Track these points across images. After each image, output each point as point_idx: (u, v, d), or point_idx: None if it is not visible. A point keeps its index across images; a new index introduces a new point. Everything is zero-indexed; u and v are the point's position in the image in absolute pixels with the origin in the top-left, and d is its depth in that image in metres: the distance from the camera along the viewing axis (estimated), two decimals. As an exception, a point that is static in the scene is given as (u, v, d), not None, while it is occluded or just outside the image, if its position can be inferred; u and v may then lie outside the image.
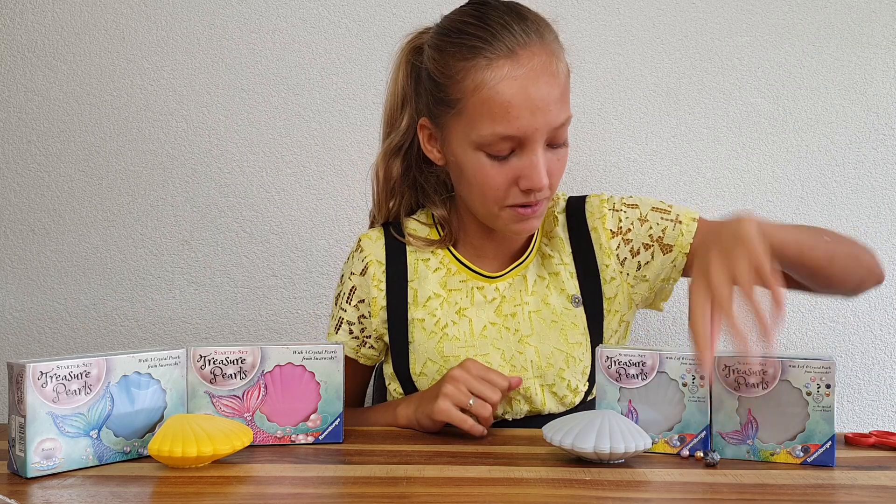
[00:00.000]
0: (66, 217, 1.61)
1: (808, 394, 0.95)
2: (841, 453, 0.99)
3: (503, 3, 1.12)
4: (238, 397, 1.03)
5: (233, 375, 1.02)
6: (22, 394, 0.90)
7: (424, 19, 1.20)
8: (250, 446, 0.99)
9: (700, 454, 0.97)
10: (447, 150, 1.15)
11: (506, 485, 0.88)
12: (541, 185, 1.09)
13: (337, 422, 1.05)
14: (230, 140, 1.60)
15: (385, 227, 1.25)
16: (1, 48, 1.59)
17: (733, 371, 0.97)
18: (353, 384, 1.26)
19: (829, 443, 0.94)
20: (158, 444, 0.91)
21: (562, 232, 1.23)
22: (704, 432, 0.98)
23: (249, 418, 1.03)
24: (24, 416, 0.90)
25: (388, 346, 1.22)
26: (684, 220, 1.19)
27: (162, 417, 0.99)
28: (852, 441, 1.05)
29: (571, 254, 1.21)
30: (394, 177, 1.23)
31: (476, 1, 1.14)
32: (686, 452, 0.98)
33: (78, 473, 0.92)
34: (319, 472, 0.94)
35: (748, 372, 0.96)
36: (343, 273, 1.26)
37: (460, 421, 1.05)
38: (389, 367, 1.22)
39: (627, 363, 1.01)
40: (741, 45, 1.56)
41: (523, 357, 1.17)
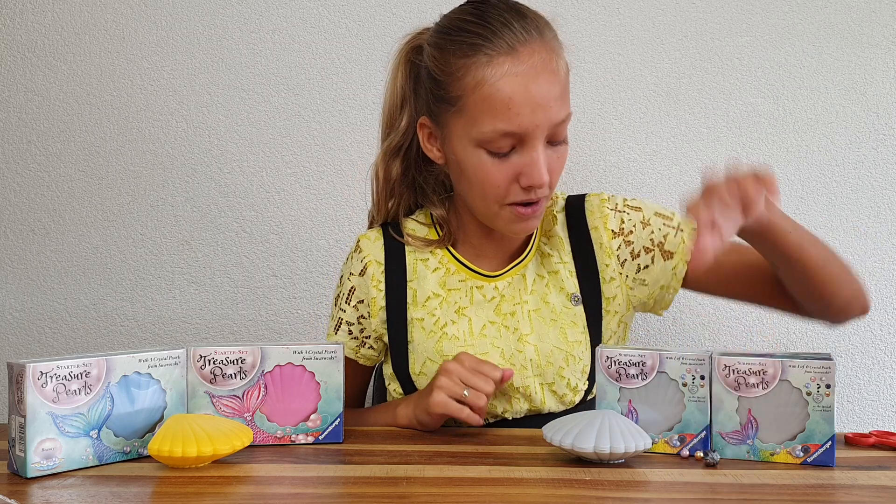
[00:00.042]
0: (66, 217, 1.61)
1: (808, 394, 0.95)
2: (841, 453, 0.99)
3: (503, 1, 1.12)
4: (238, 397, 1.03)
5: (233, 375, 1.02)
6: (22, 394, 0.90)
7: (424, 19, 1.20)
8: (250, 446, 0.99)
9: (700, 454, 0.97)
10: (447, 148, 1.15)
11: (506, 485, 0.88)
12: (541, 182, 1.09)
13: (337, 422, 1.05)
14: (230, 140, 1.60)
15: (384, 227, 1.25)
16: (1, 48, 1.59)
17: (733, 371, 0.97)
18: (353, 384, 1.26)
19: (829, 443, 0.94)
20: (158, 444, 0.91)
21: (561, 231, 1.22)
22: (704, 432, 0.98)
23: (249, 418, 1.03)
24: (24, 416, 0.90)
25: (388, 346, 1.22)
26: (686, 227, 1.20)
27: (162, 417, 0.99)
28: (852, 441, 1.05)
29: (571, 252, 1.21)
30: (393, 177, 1.23)
31: (475, 0, 1.14)
32: (686, 452, 0.98)
33: (78, 473, 0.92)
34: (319, 472, 0.94)
35: (748, 372, 0.96)
36: (342, 274, 1.25)
37: (457, 411, 1.06)
38: (389, 367, 1.22)
39: (627, 363, 1.01)
40: (741, 45, 1.56)
41: (523, 356, 1.17)
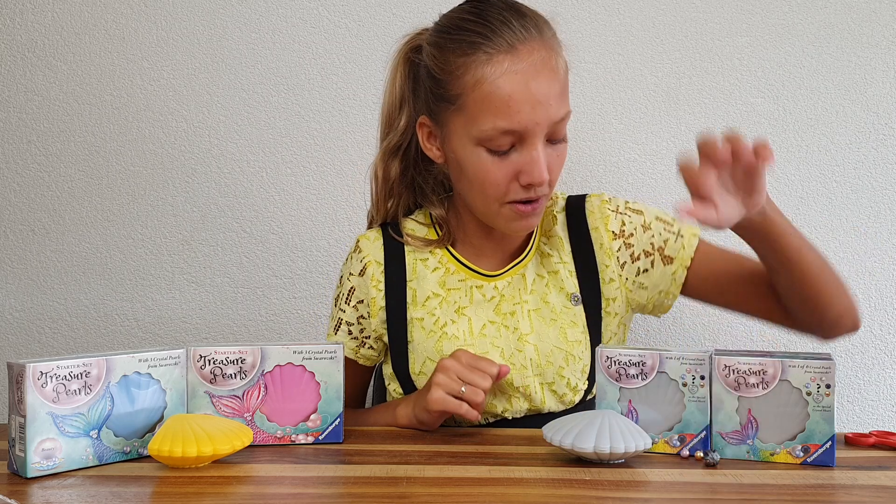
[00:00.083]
0: (66, 217, 1.61)
1: (808, 394, 0.95)
2: (841, 453, 0.99)
3: (502, 0, 1.12)
4: (238, 397, 1.03)
5: (233, 375, 1.02)
6: (22, 394, 0.90)
7: (424, 19, 1.20)
8: (250, 446, 0.99)
9: (700, 454, 0.97)
10: (447, 147, 1.15)
11: (506, 485, 0.88)
12: (541, 180, 1.09)
13: (337, 422, 1.05)
14: (230, 140, 1.60)
15: (383, 227, 1.25)
16: (1, 48, 1.59)
17: (733, 371, 0.97)
18: (353, 385, 1.26)
19: (829, 443, 0.94)
20: (158, 444, 0.91)
21: (561, 231, 1.22)
22: (704, 432, 0.98)
23: (249, 418, 1.03)
24: (24, 416, 0.90)
25: (388, 346, 1.22)
26: (686, 234, 1.20)
27: (162, 417, 0.99)
28: (852, 441, 1.05)
29: (571, 252, 1.21)
30: (392, 177, 1.23)
31: None
32: (686, 452, 0.98)
33: (78, 473, 0.92)
34: (319, 472, 0.94)
35: (748, 372, 0.96)
36: (342, 274, 1.25)
37: (455, 407, 1.06)
38: (389, 367, 1.22)
39: (627, 363, 1.01)
40: (741, 45, 1.56)
41: (523, 355, 1.17)
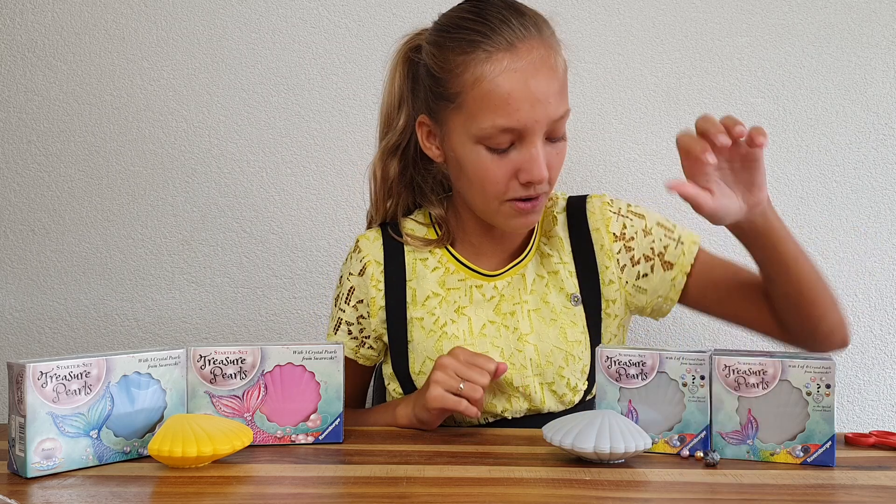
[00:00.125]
0: (66, 217, 1.61)
1: (808, 394, 0.95)
2: (841, 453, 0.99)
3: None
4: (238, 397, 1.03)
5: (233, 375, 1.02)
6: (22, 394, 0.90)
7: (424, 19, 1.20)
8: (250, 446, 0.99)
9: (700, 454, 0.97)
10: (446, 145, 1.15)
11: (506, 485, 0.88)
12: (541, 178, 1.09)
13: (337, 422, 1.05)
14: (230, 140, 1.60)
15: (383, 227, 1.25)
16: (1, 48, 1.59)
17: (733, 371, 0.97)
18: (353, 385, 1.26)
19: (829, 443, 0.94)
20: (158, 444, 0.91)
21: (561, 231, 1.23)
22: (704, 432, 0.98)
23: (249, 418, 1.03)
24: (24, 416, 0.90)
25: (388, 346, 1.22)
26: (686, 241, 1.21)
27: (162, 417, 0.99)
28: (852, 441, 1.05)
29: (571, 253, 1.21)
30: (391, 177, 1.23)
31: None
32: (686, 452, 0.98)
33: (78, 473, 0.92)
34: (319, 472, 0.94)
35: (748, 372, 0.96)
36: (342, 274, 1.26)
37: (454, 404, 1.06)
38: (389, 367, 1.22)
39: (627, 363, 1.01)
40: (741, 45, 1.56)
41: (522, 355, 1.17)
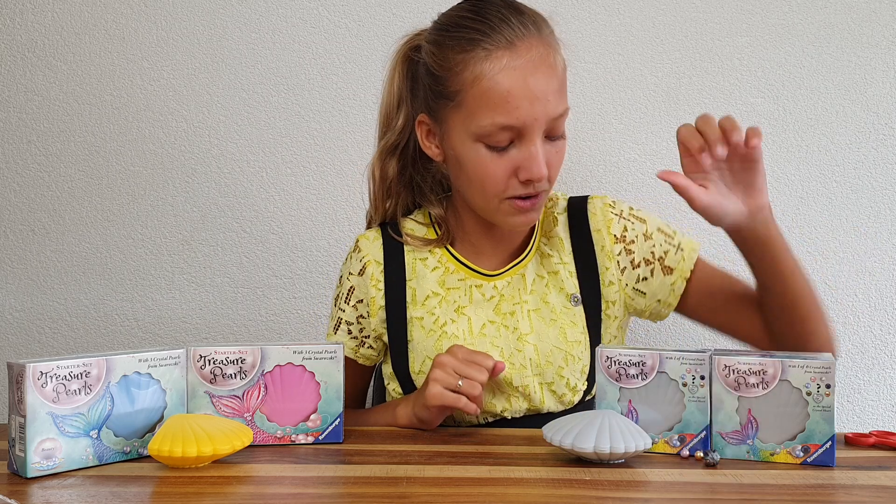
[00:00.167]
0: (66, 217, 1.61)
1: (808, 394, 0.95)
2: (841, 453, 0.99)
3: None
4: (238, 397, 1.03)
5: (233, 375, 1.02)
6: (22, 394, 0.90)
7: (424, 19, 1.20)
8: (250, 446, 0.99)
9: (700, 454, 0.97)
10: (446, 144, 1.15)
11: (506, 485, 0.88)
12: (540, 176, 1.09)
13: (337, 422, 1.05)
14: (230, 140, 1.60)
15: (383, 227, 1.25)
16: (1, 48, 1.59)
17: (733, 371, 0.97)
18: (353, 385, 1.26)
19: (829, 443, 0.94)
20: (158, 444, 0.91)
21: (562, 232, 1.23)
22: (704, 432, 0.98)
23: (249, 418, 1.03)
24: (24, 416, 0.90)
25: (387, 345, 1.22)
26: (685, 248, 1.21)
27: (162, 417, 0.99)
28: (852, 441, 1.05)
29: (572, 253, 1.21)
30: (390, 176, 1.23)
31: None
32: (686, 452, 0.98)
33: (78, 473, 0.92)
34: (319, 472, 0.94)
35: (748, 372, 0.96)
36: (342, 273, 1.26)
37: (454, 401, 1.06)
38: (388, 366, 1.22)
39: (627, 363, 1.01)
40: (741, 45, 1.56)
41: (522, 355, 1.17)
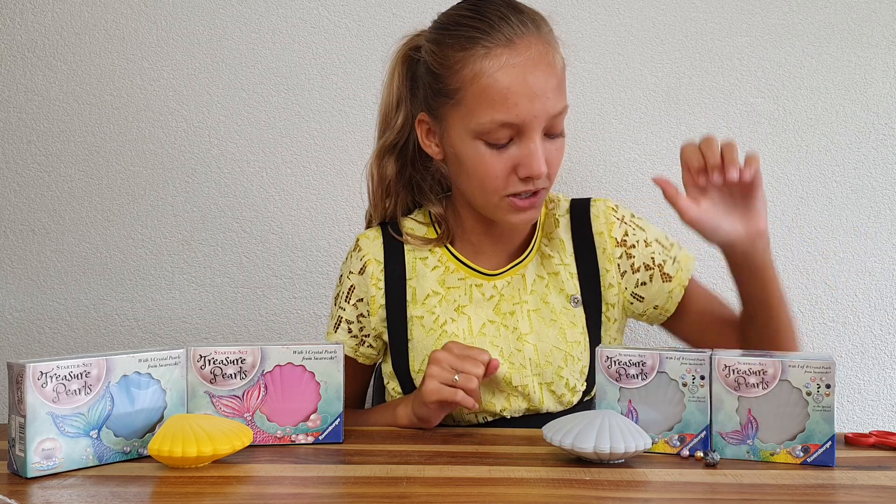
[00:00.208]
0: (66, 217, 1.61)
1: (808, 394, 0.95)
2: (841, 453, 0.99)
3: None
4: (238, 397, 1.03)
5: (233, 375, 1.02)
6: (22, 394, 0.90)
7: (423, 19, 1.20)
8: (250, 446, 0.99)
9: (700, 454, 0.97)
10: (446, 142, 1.15)
11: (506, 485, 0.88)
12: (539, 173, 1.09)
13: (337, 422, 1.05)
14: (230, 140, 1.60)
15: (383, 226, 1.25)
16: (1, 48, 1.59)
17: (733, 371, 0.97)
18: (353, 384, 1.26)
19: (829, 443, 0.94)
20: (158, 444, 0.91)
21: (563, 233, 1.23)
22: (704, 432, 0.98)
23: (249, 418, 1.03)
24: (24, 416, 0.90)
25: (387, 344, 1.22)
26: (682, 260, 1.23)
27: (162, 417, 0.99)
28: (852, 441, 1.05)
29: (573, 255, 1.21)
30: (388, 176, 1.23)
31: None
32: (686, 452, 0.98)
33: (78, 473, 0.92)
34: (319, 472, 0.94)
35: (748, 372, 0.96)
36: (342, 273, 1.26)
37: (451, 395, 1.06)
38: (388, 366, 1.23)
39: (627, 363, 1.01)
40: (741, 45, 1.56)
41: (522, 355, 1.17)
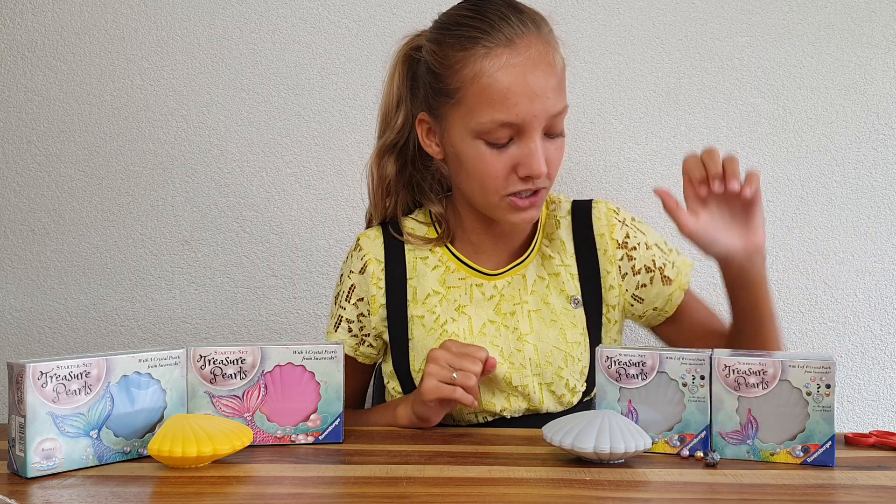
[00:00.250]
0: (66, 217, 1.61)
1: (808, 394, 0.95)
2: (841, 453, 0.99)
3: None
4: (238, 397, 1.03)
5: (233, 375, 1.02)
6: (22, 394, 0.90)
7: (424, 19, 1.20)
8: (250, 446, 0.99)
9: (700, 454, 0.97)
10: (446, 141, 1.15)
11: (506, 485, 0.88)
12: (539, 172, 1.10)
13: (337, 422, 1.05)
14: (230, 140, 1.60)
15: (383, 226, 1.25)
16: (1, 48, 1.59)
17: (733, 371, 0.97)
18: (353, 383, 1.26)
19: (829, 443, 0.94)
20: (158, 444, 0.91)
21: (565, 234, 1.23)
22: (704, 432, 0.98)
23: (249, 418, 1.03)
24: (24, 416, 0.90)
25: (388, 344, 1.22)
26: (680, 265, 1.24)
27: (162, 417, 0.99)
28: (852, 441, 1.05)
29: (574, 256, 1.21)
30: (388, 175, 1.23)
31: None
32: (686, 452, 0.98)
33: (78, 473, 0.92)
34: (319, 472, 0.94)
35: (748, 372, 0.96)
36: (342, 272, 1.26)
37: (449, 392, 1.07)
38: (389, 365, 1.23)
39: (627, 363, 1.01)
40: (741, 45, 1.56)
41: (522, 355, 1.17)
